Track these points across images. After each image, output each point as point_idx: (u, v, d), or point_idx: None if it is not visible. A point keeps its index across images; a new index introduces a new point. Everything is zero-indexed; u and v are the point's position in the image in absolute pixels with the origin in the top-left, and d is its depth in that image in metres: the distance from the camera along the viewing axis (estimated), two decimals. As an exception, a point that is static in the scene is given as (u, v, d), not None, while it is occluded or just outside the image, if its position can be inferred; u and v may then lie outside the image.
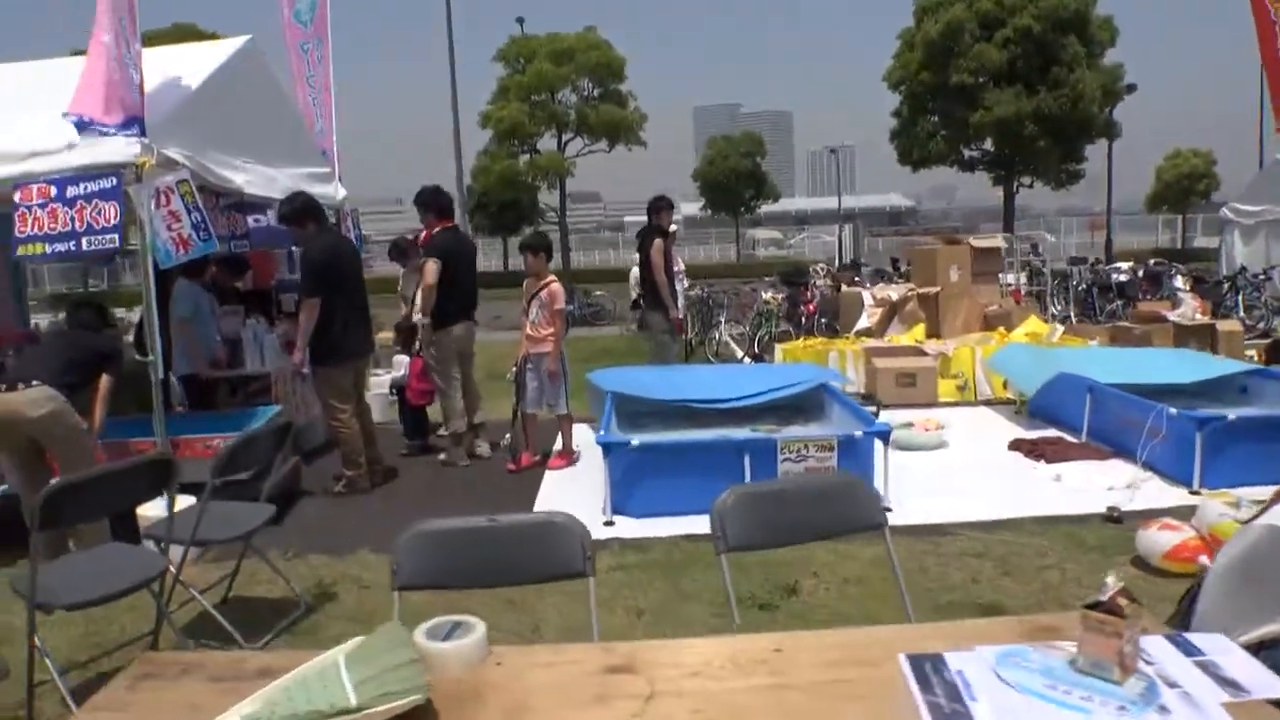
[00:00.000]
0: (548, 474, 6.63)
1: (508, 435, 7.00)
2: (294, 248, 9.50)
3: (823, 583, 4.50)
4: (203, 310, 6.85)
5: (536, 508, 5.90)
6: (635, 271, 12.04)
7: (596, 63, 26.49)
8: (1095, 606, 1.70)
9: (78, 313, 5.49)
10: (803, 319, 14.00)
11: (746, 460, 5.48)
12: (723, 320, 14.29)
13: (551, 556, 2.44)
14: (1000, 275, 13.63)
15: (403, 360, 7.44)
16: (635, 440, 5.52)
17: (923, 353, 9.43)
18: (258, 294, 8.12)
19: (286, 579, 4.31)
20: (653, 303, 8.64)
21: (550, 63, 26.20)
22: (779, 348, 10.84)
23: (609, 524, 5.44)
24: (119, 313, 9.85)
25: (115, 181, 5.21)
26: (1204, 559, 4.50)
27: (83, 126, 5.14)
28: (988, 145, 30.31)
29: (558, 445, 6.96)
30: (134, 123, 5.20)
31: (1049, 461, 6.66)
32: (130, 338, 6.89)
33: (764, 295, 15.20)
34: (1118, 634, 1.66)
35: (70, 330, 5.40)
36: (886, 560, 4.65)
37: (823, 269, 17.73)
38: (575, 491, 6.25)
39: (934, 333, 10.96)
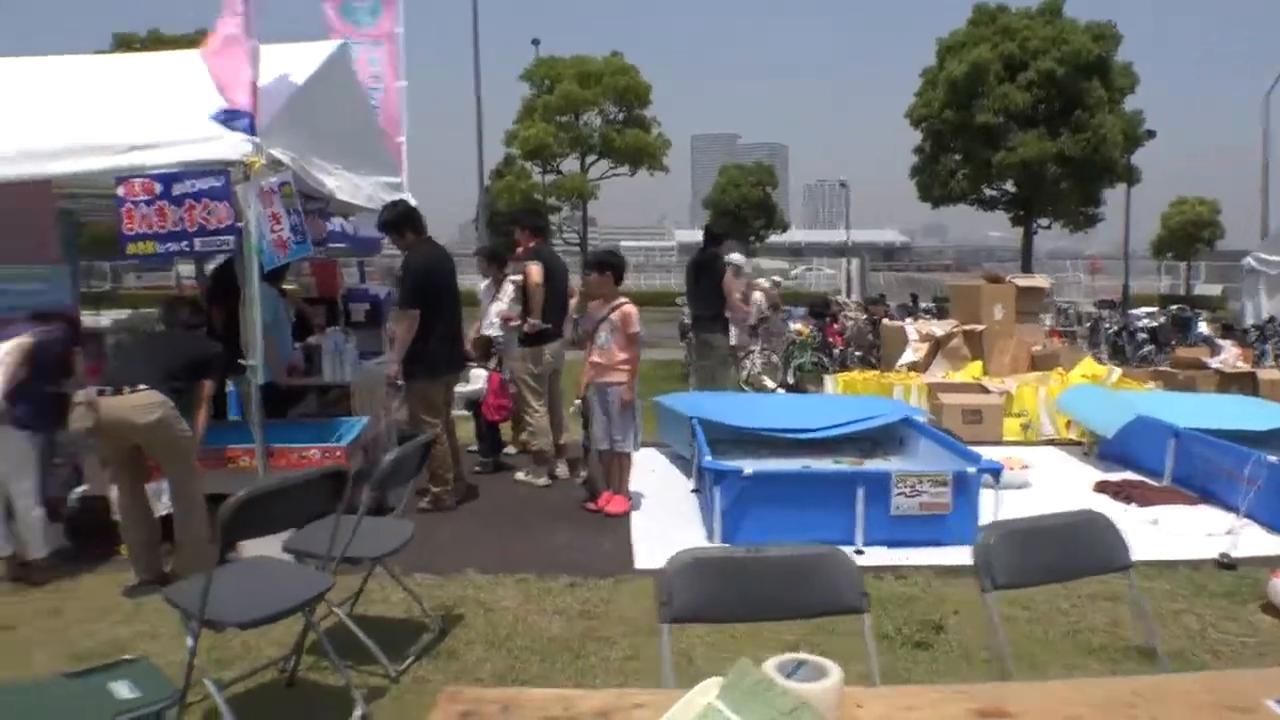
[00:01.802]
0: (635, 499, 6.43)
1: (583, 473, 6.72)
2: (361, 259, 9.46)
3: (967, 620, 4.34)
4: (280, 316, 6.67)
5: (633, 534, 5.74)
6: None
7: (624, 87, 26.52)
8: None
9: (176, 311, 5.32)
10: (833, 351, 13.93)
11: (859, 493, 5.34)
12: (755, 349, 14.16)
13: (823, 591, 2.29)
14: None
15: (479, 374, 7.27)
16: (748, 469, 5.37)
17: (985, 390, 9.33)
18: (323, 302, 7.95)
19: (419, 599, 4.12)
20: (714, 326, 8.68)
21: (577, 85, 26.22)
22: (834, 379, 10.71)
23: (717, 553, 5.27)
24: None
25: (223, 180, 5.07)
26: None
27: (229, 119, 4.98)
28: (1008, 185, 30.46)
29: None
30: (247, 119, 5.06)
31: (1139, 505, 6.54)
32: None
33: (794, 326, 15.10)
34: None
35: (170, 330, 5.22)
36: (1032, 600, 4.59)
37: (853, 302, 17.69)
38: (667, 518, 6.10)
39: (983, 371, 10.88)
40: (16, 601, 4.71)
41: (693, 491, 6.72)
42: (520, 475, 7.00)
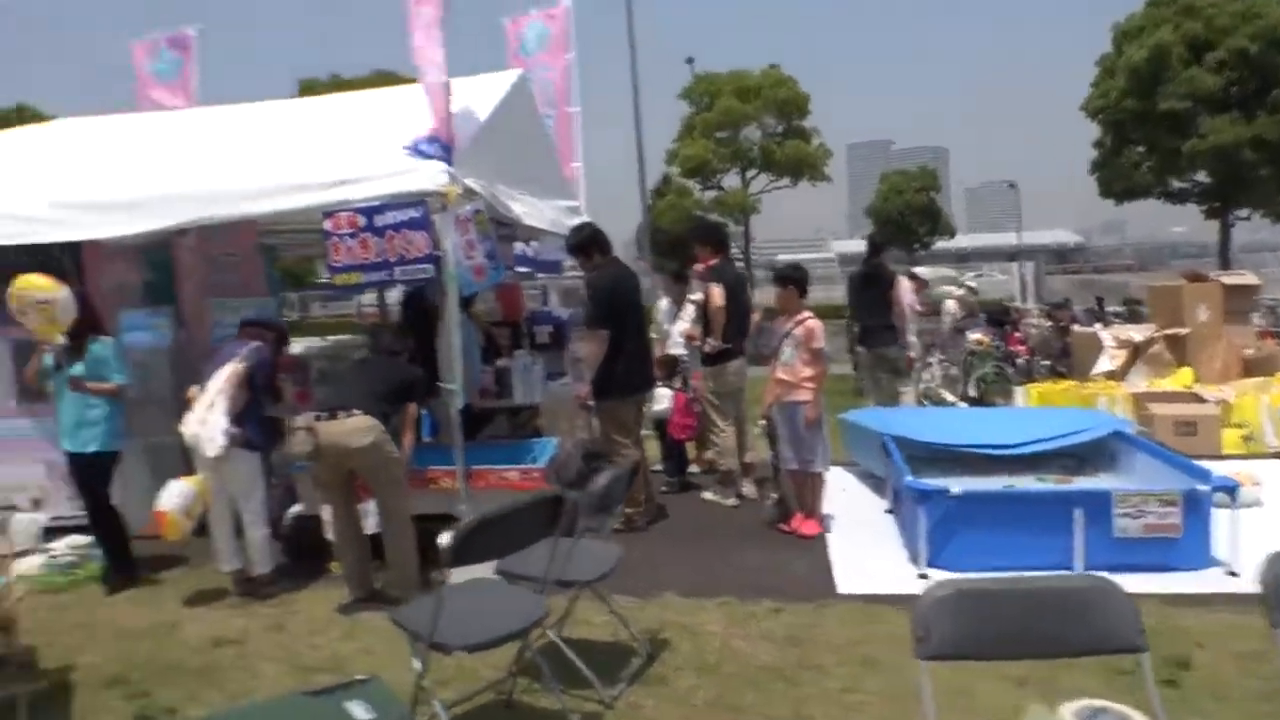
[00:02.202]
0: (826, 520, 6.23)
1: (773, 493, 6.48)
2: (544, 282, 9.68)
3: (1214, 655, 3.97)
4: (470, 340, 6.86)
5: (831, 557, 5.56)
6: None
7: (784, 99, 26.28)
8: None
9: (379, 338, 5.53)
10: (1016, 360, 13.25)
11: (1078, 514, 4.99)
12: (934, 361, 13.61)
13: (1096, 626, 2.10)
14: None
15: (665, 394, 7.25)
16: (955, 488, 5.11)
17: (1199, 399, 8.63)
18: (507, 325, 8.13)
19: (626, 623, 4.09)
20: (886, 337, 8.46)
21: (736, 99, 26.16)
22: (1026, 390, 10.17)
23: (923, 577, 5.03)
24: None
25: (422, 211, 5.25)
26: None
27: (423, 151, 5.17)
28: (1200, 176, 28.37)
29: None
30: (444, 149, 5.23)
31: (1395, 525, 5.86)
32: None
33: (973, 335, 14.48)
34: None
35: (376, 356, 5.42)
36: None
37: (1035, 308, 16.83)
38: (863, 540, 5.89)
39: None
40: (244, 616, 4.97)
41: (887, 512, 6.48)
42: (707, 495, 6.94)
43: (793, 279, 6.20)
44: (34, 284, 5.12)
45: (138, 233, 5.62)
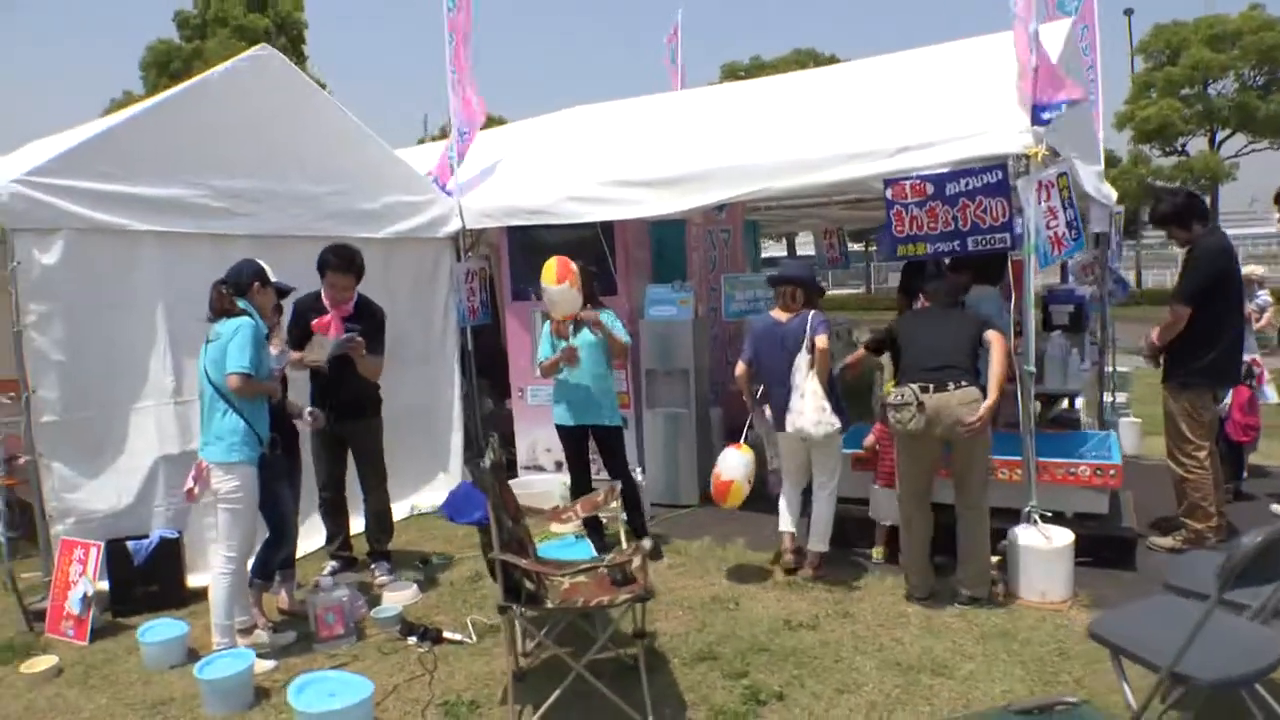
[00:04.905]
0: None
1: None
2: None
3: None
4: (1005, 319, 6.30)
5: None
6: None
7: (1270, 45, 22.43)
8: None
9: (938, 292, 5.09)
10: None
11: None
12: None
13: None
14: None
15: (1224, 388, 6.26)
16: None
17: None
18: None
19: None
20: None
21: (1208, 49, 22.80)
22: None
23: None
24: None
25: (1000, 175, 4.79)
26: None
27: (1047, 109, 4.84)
28: None
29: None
30: (1055, 108, 4.77)
31: None
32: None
33: None
34: None
35: (946, 310, 4.98)
36: None
37: None
38: None
39: None
40: (803, 598, 4.82)
41: None
42: (1277, 508, 5.87)
43: None
44: (545, 273, 5.16)
45: (698, 207, 5.73)
